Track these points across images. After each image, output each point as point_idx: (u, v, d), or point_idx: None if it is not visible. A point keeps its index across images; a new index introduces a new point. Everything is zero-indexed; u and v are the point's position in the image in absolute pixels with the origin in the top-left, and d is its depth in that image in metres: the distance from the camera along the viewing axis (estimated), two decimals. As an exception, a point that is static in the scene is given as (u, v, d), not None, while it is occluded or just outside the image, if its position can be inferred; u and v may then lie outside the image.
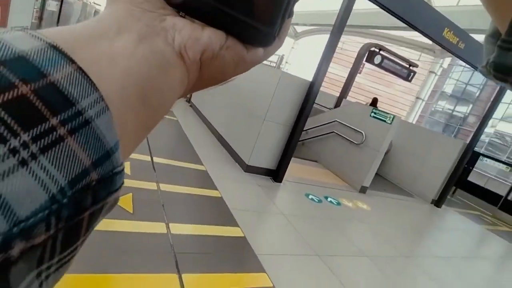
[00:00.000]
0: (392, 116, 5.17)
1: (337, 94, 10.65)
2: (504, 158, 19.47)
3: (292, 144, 4.45)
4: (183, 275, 2.09)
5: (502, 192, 7.97)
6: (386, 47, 9.95)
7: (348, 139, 5.83)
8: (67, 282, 1.79)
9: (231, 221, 3.02)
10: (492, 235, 5.99)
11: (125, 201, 2.73)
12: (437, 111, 27.43)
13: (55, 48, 0.14)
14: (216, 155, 4.87)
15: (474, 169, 8.44)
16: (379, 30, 17.87)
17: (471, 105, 25.36)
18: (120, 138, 0.16)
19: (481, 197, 8.21)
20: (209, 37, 0.21)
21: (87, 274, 1.84)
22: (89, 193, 0.15)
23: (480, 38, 6.29)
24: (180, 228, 2.61)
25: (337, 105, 8.82)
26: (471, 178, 8.58)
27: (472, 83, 24.11)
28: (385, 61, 9.76)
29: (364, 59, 9.40)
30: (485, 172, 10.06)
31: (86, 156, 0.14)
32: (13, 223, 0.12)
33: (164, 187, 3.25)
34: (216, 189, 3.61)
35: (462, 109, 25.47)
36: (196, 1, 0.20)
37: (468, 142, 6.39)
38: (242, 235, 2.84)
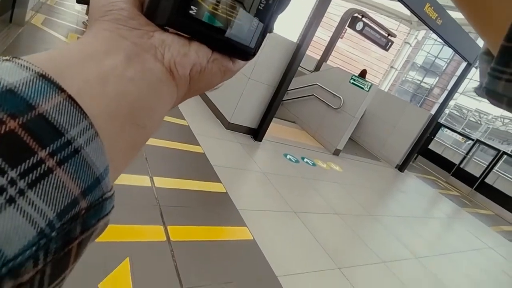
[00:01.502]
0: (369, 84, 5.18)
1: (316, 56, 10.50)
2: (460, 129, 20.62)
3: (275, 105, 4.38)
4: (168, 227, 2.08)
5: (456, 160, 8.56)
6: (368, 14, 9.72)
7: (326, 103, 5.84)
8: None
9: (213, 176, 3.01)
10: (444, 198, 6.50)
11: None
12: (407, 81, 28.04)
13: (44, 77, 0.14)
14: (198, 111, 4.72)
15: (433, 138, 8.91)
16: (363, -5, 17.33)
17: (437, 78, 26.09)
18: (110, 162, 0.16)
19: (438, 164, 8.77)
20: (196, 52, 0.21)
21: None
22: (78, 222, 0.14)
23: (455, 15, 6.25)
24: (164, 182, 2.56)
25: (317, 68, 8.70)
26: (431, 146, 9.09)
27: (440, 57, 24.58)
28: (366, 28, 9.59)
29: (347, 24, 9.16)
30: (442, 141, 10.66)
31: (75, 185, 0.14)
32: (1, 263, 0.11)
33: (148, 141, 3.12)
34: (198, 144, 3.54)
35: (429, 81, 26.19)
36: (180, 23, 0.19)
37: (433, 113, 6.63)
38: (224, 190, 2.85)
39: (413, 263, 3.17)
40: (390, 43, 9.89)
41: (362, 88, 5.26)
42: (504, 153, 7.46)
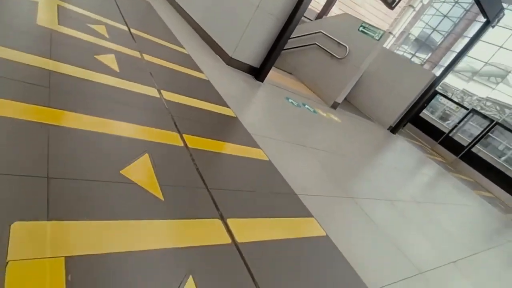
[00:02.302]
0: (381, 32, 5.09)
1: (315, 10, 10.19)
2: (441, 109, 21.14)
3: (282, 42, 4.21)
4: (184, 135, 1.99)
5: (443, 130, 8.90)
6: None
7: (330, 53, 5.73)
8: (63, 117, 1.59)
9: (221, 101, 2.90)
10: (431, 162, 6.80)
11: (108, 59, 2.41)
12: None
13: None
14: (195, 45, 4.46)
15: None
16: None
17: (430, 53, 26.39)
18: None
19: (426, 132, 9.07)
20: None
21: (81, 113, 1.64)
22: None
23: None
24: (172, 96, 2.43)
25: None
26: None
27: (438, 29, 24.71)
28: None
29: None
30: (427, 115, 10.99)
31: None
32: None
33: (148, 58, 2.92)
34: (201, 72, 3.38)
35: (421, 56, 26.48)
36: None
37: (438, 75, 6.72)
38: (234, 115, 2.76)
39: (413, 205, 3.32)
40: (397, 1, 9.67)
41: (372, 37, 5.17)
42: (497, 123, 7.81)
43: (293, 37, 6.34)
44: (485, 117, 8.47)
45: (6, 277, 0.86)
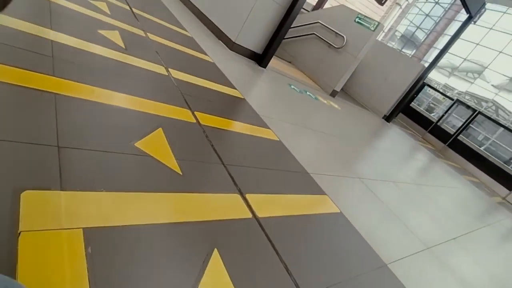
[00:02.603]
0: (376, 23, 4.95)
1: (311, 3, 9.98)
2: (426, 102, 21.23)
3: (284, 28, 4.04)
4: (195, 112, 1.85)
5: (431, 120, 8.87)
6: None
7: (328, 42, 5.57)
8: (70, 87, 1.43)
9: (228, 83, 2.75)
10: (423, 149, 6.76)
11: (112, 35, 2.23)
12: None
13: None
14: (197, 29, 4.26)
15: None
16: None
17: (414, 50, 26.38)
18: None
19: (416, 121, 9.04)
20: None
21: (88, 85, 1.48)
22: None
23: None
24: (181, 75, 2.27)
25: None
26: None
27: (422, 27, 24.64)
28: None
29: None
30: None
31: None
32: None
33: (152, 37, 2.74)
34: (206, 54, 3.20)
35: (407, 52, 26.48)
36: None
37: (427, 66, 6.64)
38: (242, 97, 2.62)
39: (413, 186, 3.25)
40: (386, -3, 9.53)
41: (368, 28, 5.03)
42: (480, 112, 7.81)
43: (292, 27, 6.13)
44: (468, 107, 8.46)
45: (19, 248, 0.72)
